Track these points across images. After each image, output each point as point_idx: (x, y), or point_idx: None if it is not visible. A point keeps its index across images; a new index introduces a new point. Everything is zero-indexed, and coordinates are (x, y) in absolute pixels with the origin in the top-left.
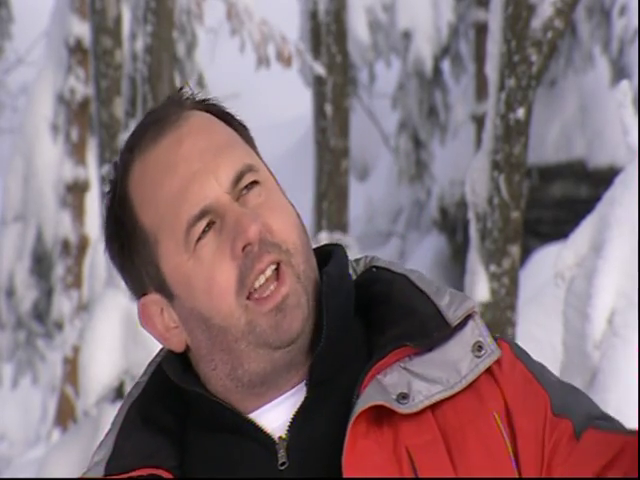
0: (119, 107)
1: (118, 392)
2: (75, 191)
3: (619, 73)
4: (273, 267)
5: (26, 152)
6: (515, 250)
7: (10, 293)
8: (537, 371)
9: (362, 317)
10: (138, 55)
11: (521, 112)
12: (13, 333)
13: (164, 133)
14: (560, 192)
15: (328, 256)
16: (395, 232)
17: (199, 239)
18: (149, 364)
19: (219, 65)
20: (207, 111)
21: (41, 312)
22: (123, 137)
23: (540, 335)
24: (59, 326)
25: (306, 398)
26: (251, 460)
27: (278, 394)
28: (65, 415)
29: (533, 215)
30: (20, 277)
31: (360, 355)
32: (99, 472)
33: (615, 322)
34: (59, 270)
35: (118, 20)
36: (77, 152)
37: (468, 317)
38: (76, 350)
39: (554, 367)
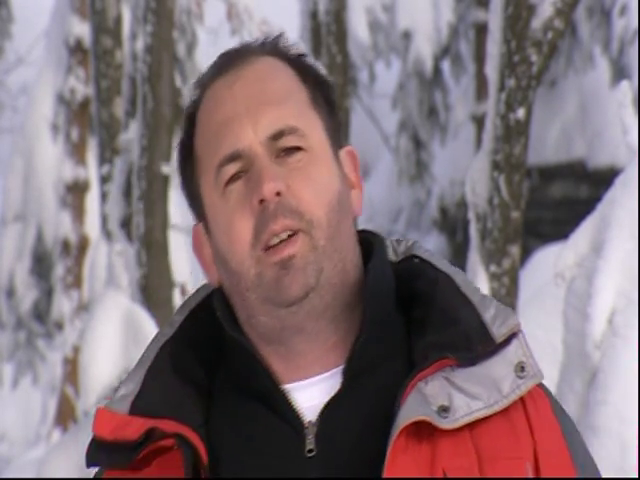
0: (119, 107)
1: None
2: (75, 191)
3: (619, 73)
4: (289, 232)
5: (26, 152)
6: (515, 250)
7: (10, 293)
8: (570, 442)
9: (402, 312)
10: (138, 55)
11: (521, 112)
12: (13, 333)
13: (228, 69)
14: (560, 192)
15: (367, 244)
16: (395, 232)
17: (228, 183)
18: (184, 304)
19: None
20: (287, 60)
21: (41, 312)
22: (123, 137)
23: (540, 335)
24: (59, 326)
25: (341, 388)
26: (278, 440)
27: (310, 372)
28: (65, 415)
29: (533, 215)
30: (20, 277)
31: (398, 352)
32: (124, 407)
33: (615, 322)
34: (59, 270)
35: (118, 20)
36: (77, 152)
37: (512, 335)
38: (76, 350)
39: (554, 367)
